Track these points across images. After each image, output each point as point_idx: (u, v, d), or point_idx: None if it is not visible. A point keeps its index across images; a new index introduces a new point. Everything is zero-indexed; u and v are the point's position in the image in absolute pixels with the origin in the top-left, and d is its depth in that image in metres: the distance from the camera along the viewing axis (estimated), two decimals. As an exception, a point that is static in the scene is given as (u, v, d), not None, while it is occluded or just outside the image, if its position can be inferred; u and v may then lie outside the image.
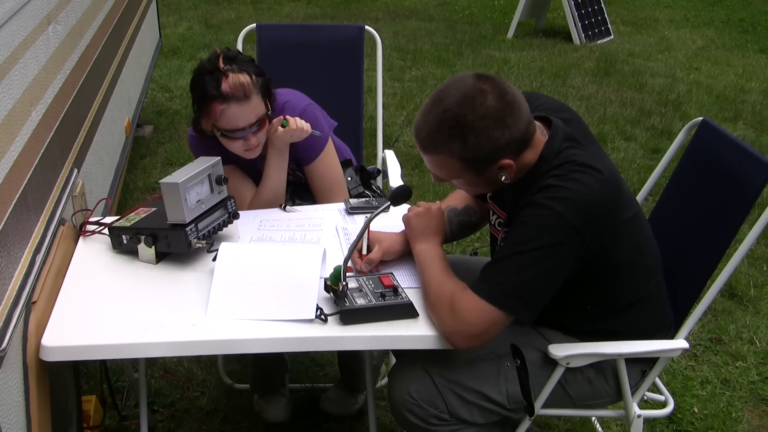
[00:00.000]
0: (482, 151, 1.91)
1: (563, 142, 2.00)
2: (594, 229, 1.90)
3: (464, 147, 1.90)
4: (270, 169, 2.63)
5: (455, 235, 2.43)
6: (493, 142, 1.90)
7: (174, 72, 7.23)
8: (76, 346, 1.87)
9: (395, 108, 6.37)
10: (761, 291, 3.92)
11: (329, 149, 2.71)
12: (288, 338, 1.93)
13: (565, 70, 7.69)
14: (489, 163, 1.95)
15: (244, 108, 2.43)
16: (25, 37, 2.14)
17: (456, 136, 1.90)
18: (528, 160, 2.00)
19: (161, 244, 2.19)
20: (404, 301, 1.99)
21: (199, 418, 2.98)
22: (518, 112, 1.91)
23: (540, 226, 1.89)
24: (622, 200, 2.00)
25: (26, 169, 2.02)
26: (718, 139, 2.36)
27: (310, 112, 2.66)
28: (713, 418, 3.03)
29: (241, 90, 2.41)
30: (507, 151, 1.93)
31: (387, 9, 10.40)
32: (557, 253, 1.89)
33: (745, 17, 10.32)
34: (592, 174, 1.90)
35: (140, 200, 4.60)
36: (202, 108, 2.45)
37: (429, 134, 1.94)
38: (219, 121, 2.44)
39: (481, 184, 2.05)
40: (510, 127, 1.90)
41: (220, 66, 2.43)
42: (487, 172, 1.97)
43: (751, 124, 6.37)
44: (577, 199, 1.88)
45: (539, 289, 1.92)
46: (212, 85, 2.40)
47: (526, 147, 1.97)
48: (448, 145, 1.92)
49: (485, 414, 2.10)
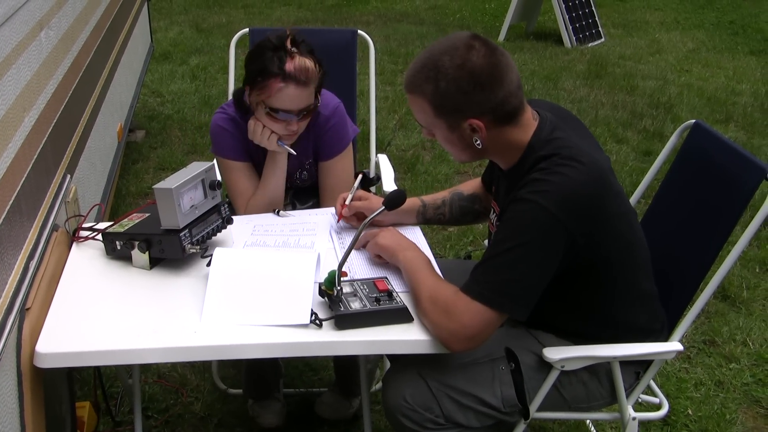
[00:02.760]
0: (451, 100, 1.95)
1: (552, 132, 2.02)
2: (580, 221, 1.90)
3: (435, 91, 1.95)
4: (267, 171, 2.65)
5: (455, 219, 2.49)
6: (463, 96, 1.94)
7: (166, 77, 7.22)
8: (70, 353, 1.87)
9: (387, 112, 6.37)
10: (754, 292, 3.93)
11: (349, 151, 2.75)
12: (283, 343, 1.92)
13: (557, 73, 7.70)
14: (458, 116, 1.97)
15: (301, 92, 2.46)
16: (17, 42, 2.14)
17: (430, 79, 1.95)
18: (515, 141, 2.02)
19: (155, 250, 2.18)
20: (399, 306, 1.99)
21: (193, 423, 2.97)
22: (500, 79, 1.94)
23: (525, 221, 1.90)
24: (610, 194, 2.00)
25: (19, 175, 2.01)
26: (711, 141, 2.37)
27: (342, 110, 2.71)
28: (707, 420, 3.03)
29: (304, 74, 2.44)
30: (478, 111, 1.95)
31: (378, 13, 10.40)
32: (545, 247, 1.90)
33: (735, 19, 10.36)
34: (577, 167, 1.92)
35: (133, 205, 4.59)
36: (258, 81, 2.47)
37: (410, 74, 2.02)
38: (272, 98, 2.46)
39: (457, 143, 2.05)
40: (485, 88, 1.93)
41: (287, 45, 2.45)
42: (458, 128, 2.00)
43: (743, 126, 6.39)
44: (562, 191, 1.89)
45: (531, 284, 1.93)
46: (275, 62, 2.43)
47: (507, 120, 1.99)
48: (423, 86, 1.98)
49: (480, 417, 2.10)
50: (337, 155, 2.71)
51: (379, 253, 2.22)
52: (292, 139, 2.59)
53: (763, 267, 4.17)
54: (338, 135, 2.69)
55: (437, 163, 5.41)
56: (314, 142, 2.69)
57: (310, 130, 2.66)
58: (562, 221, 1.88)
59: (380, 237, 2.23)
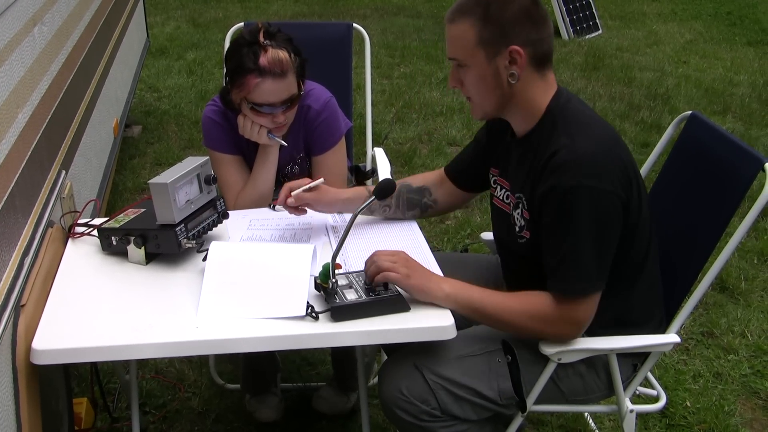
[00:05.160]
0: (499, 22, 1.99)
1: (569, 101, 2.11)
2: (623, 184, 1.97)
3: (486, 12, 1.99)
4: (258, 164, 2.65)
5: (401, 212, 2.47)
6: (512, 20, 1.99)
7: (162, 72, 7.20)
8: (66, 349, 1.86)
9: (384, 105, 6.36)
10: (752, 284, 3.93)
11: (342, 145, 2.75)
12: (279, 336, 1.92)
13: (554, 64, 7.63)
14: (501, 42, 2.00)
15: (279, 84, 2.46)
16: (10, 38, 2.13)
17: (481, 3, 2.00)
18: (538, 97, 2.09)
19: (151, 245, 2.18)
20: (394, 295, 1.99)
21: (190, 418, 2.97)
22: (544, 17, 2.05)
23: (583, 207, 1.93)
24: (630, 156, 2.06)
25: (13, 171, 2.00)
26: (708, 132, 2.36)
27: (333, 104, 2.71)
28: (706, 411, 3.03)
29: (278, 66, 2.44)
30: (522, 39, 2.00)
31: (375, 6, 10.37)
32: (610, 222, 1.97)
33: (732, 10, 10.33)
34: (599, 134, 2.02)
35: (130, 201, 4.59)
36: (236, 79, 2.48)
37: (458, 3, 2.05)
38: (251, 94, 2.47)
39: (490, 80, 2.05)
40: (531, 18, 2.02)
41: (260, 40, 2.45)
42: (497, 58, 2.01)
43: (740, 117, 6.38)
44: (597, 163, 1.94)
45: (609, 255, 2.00)
46: (250, 58, 2.43)
47: (542, 64, 2.07)
48: (472, 8, 2.01)
49: (477, 410, 2.10)
50: (329, 149, 2.71)
51: (413, 296, 2.02)
52: (282, 130, 2.59)
53: (761, 258, 4.17)
54: (330, 129, 2.68)
55: (434, 156, 5.40)
56: (305, 136, 2.69)
57: (301, 125, 2.65)
58: (611, 191, 1.94)
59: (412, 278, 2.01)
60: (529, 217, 2.08)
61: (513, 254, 2.25)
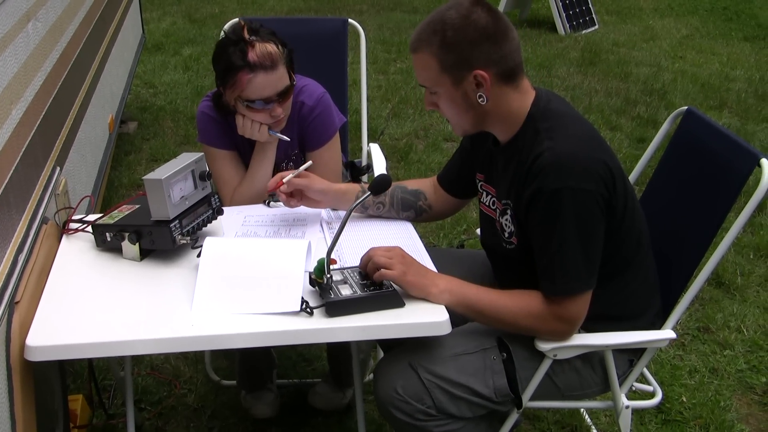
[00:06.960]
0: (457, 49, 1.98)
1: (549, 103, 2.07)
2: (606, 183, 1.96)
3: (442, 41, 1.99)
4: (255, 161, 2.65)
5: (395, 211, 2.46)
6: (470, 45, 1.97)
7: (158, 68, 7.19)
8: (61, 345, 1.85)
9: (380, 101, 6.34)
10: (748, 279, 3.93)
11: (336, 140, 2.75)
12: (274, 332, 1.91)
13: (550, 60, 7.69)
14: (463, 68, 1.99)
15: (272, 77, 2.46)
16: (4, 34, 2.12)
17: (437, 32, 1.99)
18: (516, 107, 2.06)
19: (145, 241, 2.17)
20: (389, 291, 1.99)
21: (186, 415, 2.96)
22: (504, 33, 2.01)
23: (567, 208, 1.94)
24: (613, 154, 2.06)
25: (7, 167, 2.00)
26: (704, 127, 2.36)
27: (326, 100, 2.71)
28: (702, 407, 3.03)
29: (268, 59, 2.44)
30: (483, 62, 1.99)
31: (371, 1, 10.35)
32: (594, 220, 1.97)
33: (728, 5, 10.34)
34: (579, 136, 2.01)
35: (125, 197, 4.57)
36: (227, 79, 2.47)
37: (417, 32, 2.06)
38: (245, 90, 2.46)
39: (460, 102, 2.06)
40: (490, 38, 1.99)
41: (245, 36, 2.44)
42: (463, 83, 2.01)
43: (736, 112, 6.38)
44: (579, 165, 1.94)
45: (597, 253, 2.01)
46: (238, 56, 2.43)
47: (510, 78, 2.03)
48: (429, 39, 2.01)
49: (473, 408, 2.10)
50: (323, 145, 2.70)
51: (408, 292, 2.02)
52: (281, 124, 2.59)
53: (757, 253, 4.17)
54: (324, 124, 2.68)
55: (430, 151, 5.40)
56: (300, 132, 2.68)
57: (295, 121, 2.65)
58: (594, 191, 1.94)
59: (408, 275, 2.02)
60: (518, 224, 2.09)
61: (501, 257, 2.27)
